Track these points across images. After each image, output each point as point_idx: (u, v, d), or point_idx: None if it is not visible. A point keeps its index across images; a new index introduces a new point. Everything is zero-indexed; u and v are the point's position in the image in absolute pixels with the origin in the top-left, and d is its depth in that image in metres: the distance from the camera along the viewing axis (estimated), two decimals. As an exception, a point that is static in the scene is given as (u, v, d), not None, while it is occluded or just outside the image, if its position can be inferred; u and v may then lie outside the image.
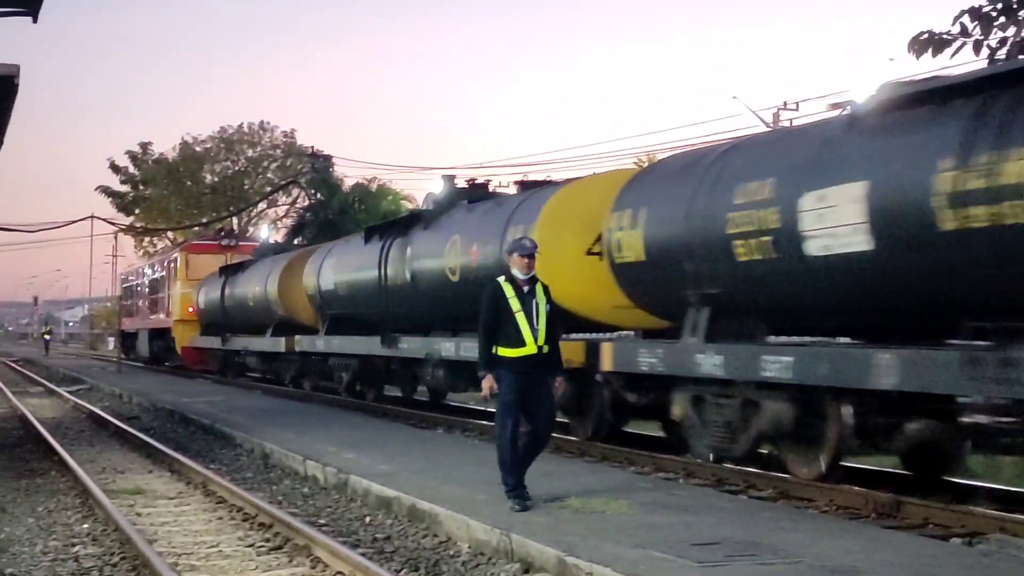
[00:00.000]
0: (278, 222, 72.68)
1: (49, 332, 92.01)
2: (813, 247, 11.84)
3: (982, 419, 10.38)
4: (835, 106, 15.04)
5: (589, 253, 16.68)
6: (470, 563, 9.73)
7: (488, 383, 10.96)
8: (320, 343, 28.27)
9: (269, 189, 73.50)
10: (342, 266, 26.89)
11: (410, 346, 22.38)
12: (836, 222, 11.49)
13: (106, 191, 78.93)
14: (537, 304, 11.00)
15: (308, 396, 28.71)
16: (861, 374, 11.11)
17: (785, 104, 39.88)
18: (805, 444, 12.51)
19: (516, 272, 11.12)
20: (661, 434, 17.57)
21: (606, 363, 15.43)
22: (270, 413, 22.92)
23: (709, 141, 21.71)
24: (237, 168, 77.64)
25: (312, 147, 53.85)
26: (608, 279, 15.89)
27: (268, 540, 10.87)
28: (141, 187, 78.62)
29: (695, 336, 13.82)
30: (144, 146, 79.73)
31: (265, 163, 78.04)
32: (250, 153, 77.74)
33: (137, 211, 78.71)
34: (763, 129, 36.36)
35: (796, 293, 12.66)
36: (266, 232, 66.82)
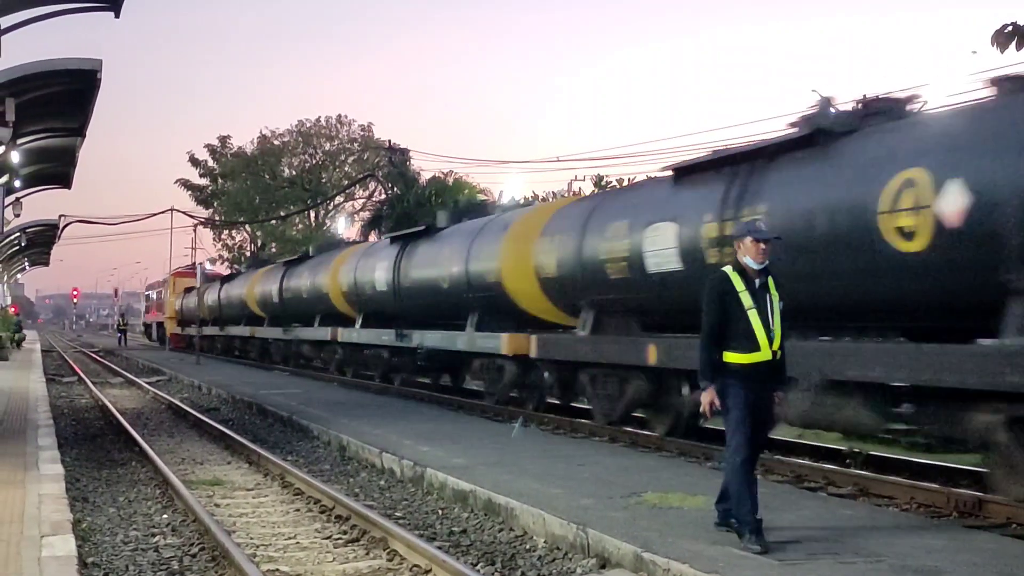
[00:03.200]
0: (355, 215, 73.10)
1: (125, 324, 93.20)
2: None
3: None
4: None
5: None
6: (546, 557, 9.70)
7: (709, 397, 9.22)
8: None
9: (346, 182, 73.92)
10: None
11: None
12: None
13: (185, 184, 79.86)
14: (771, 299, 9.28)
15: (384, 389, 28.74)
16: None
17: (864, 97, 39.31)
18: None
19: (748, 260, 9.31)
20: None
21: None
22: (346, 406, 23.03)
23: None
24: (315, 162, 78.14)
25: (389, 141, 54.02)
26: None
27: (345, 532, 10.92)
28: (220, 180, 79.38)
29: None
30: (223, 139, 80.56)
31: (342, 157, 78.45)
32: (327, 147, 78.19)
33: (216, 204, 79.49)
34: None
35: None
36: (343, 225, 67.59)
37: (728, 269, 9.41)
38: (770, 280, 9.35)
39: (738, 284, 9.24)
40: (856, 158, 12.85)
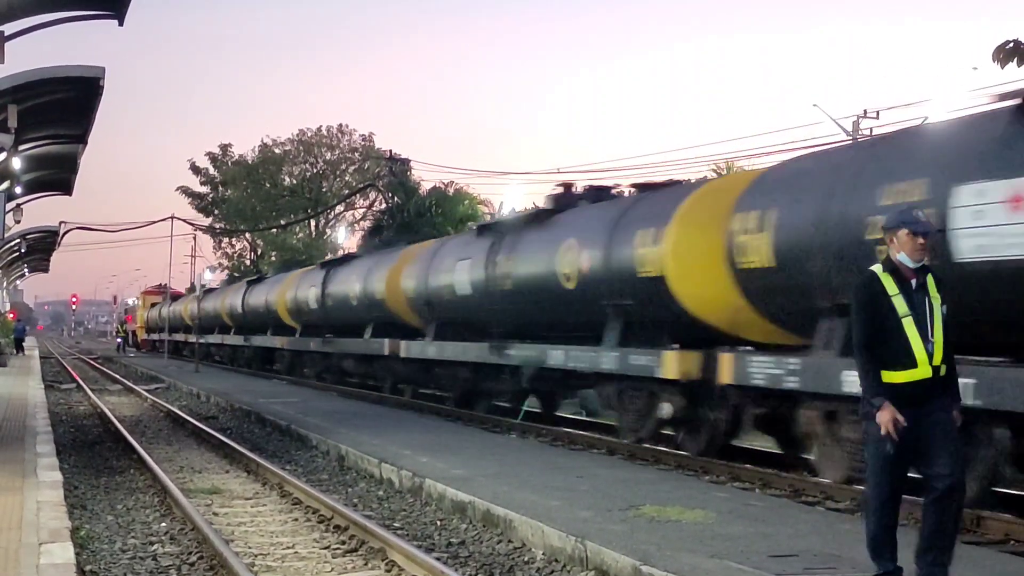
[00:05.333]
0: (355, 224, 73.20)
1: (126, 331, 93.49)
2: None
3: None
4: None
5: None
6: (544, 570, 9.70)
7: (888, 415, 7.50)
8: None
9: (347, 192, 73.98)
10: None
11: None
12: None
13: (186, 192, 79.95)
14: (931, 305, 7.69)
15: (382, 399, 28.76)
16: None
17: (865, 112, 39.41)
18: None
19: (902, 257, 7.74)
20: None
21: None
22: (345, 415, 23.01)
23: (788, 149, 21.30)
24: (315, 171, 78.20)
25: (390, 151, 54.13)
26: None
27: (343, 542, 10.91)
28: (220, 188, 79.46)
29: None
30: (224, 148, 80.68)
31: (343, 166, 78.56)
32: (328, 156, 78.27)
33: (216, 212, 79.56)
34: (843, 137, 35.97)
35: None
36: (343, 234, 67.73)
37: (877, 268, 7.89)
38: (930, 280, 7.80)
39: (890, 287, 7.73)
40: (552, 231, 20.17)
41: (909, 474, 7.92)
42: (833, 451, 13.04)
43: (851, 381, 11.53)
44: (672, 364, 15.60)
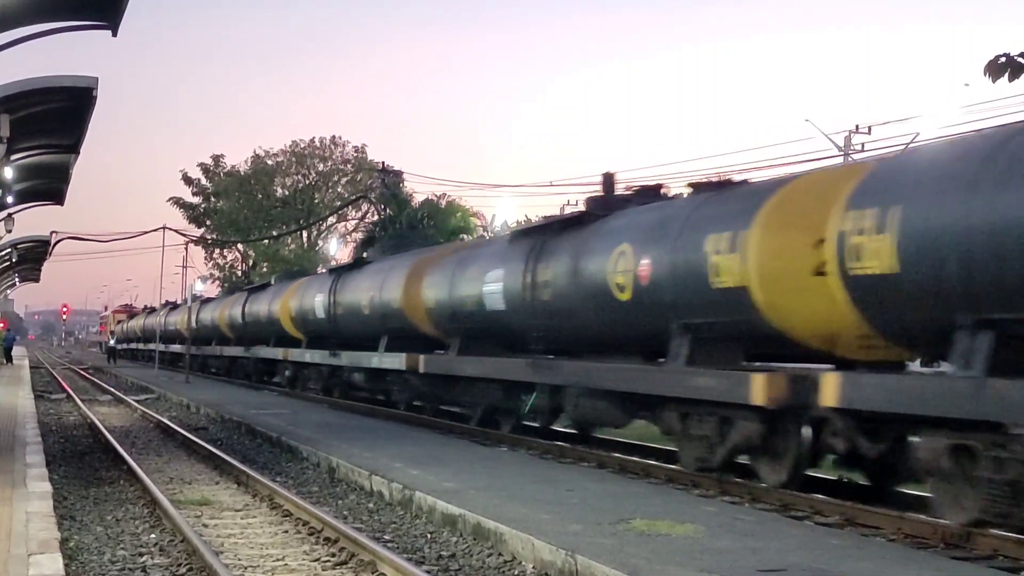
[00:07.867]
0: (347, 236, 73.17)
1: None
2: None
3: None
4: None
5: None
6: (535, 583, 9.72)
7: None
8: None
9: (339, 203, 73.96)
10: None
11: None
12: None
13: (178, 203, 79.86)
14: None
15: (372, 411, 28.68)
16: None
17: (857, 128, 39.50)
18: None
19: None
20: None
21: None
22: (335, 427, 22.99)
23: (779, 164, 21.23)
24: (308, 182, 78.19)
25: (383, 162, 54.11)
26: None
27: (333, 555, 10.91)
28: (213, 199, 79.40)
29: None
30: (216, 158, 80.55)
31: (336, 177, 78.52)
32: (321, 167, 78.24)
33: (208, 223, 79.50)
34: (834, 153, 36.05)
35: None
36: (335, 246, 67.71)
37: None
38: None
39: None
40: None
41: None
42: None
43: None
44: None
